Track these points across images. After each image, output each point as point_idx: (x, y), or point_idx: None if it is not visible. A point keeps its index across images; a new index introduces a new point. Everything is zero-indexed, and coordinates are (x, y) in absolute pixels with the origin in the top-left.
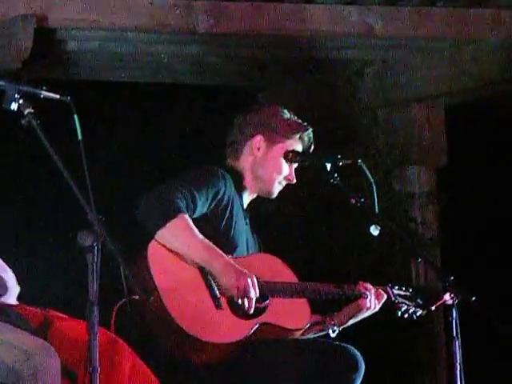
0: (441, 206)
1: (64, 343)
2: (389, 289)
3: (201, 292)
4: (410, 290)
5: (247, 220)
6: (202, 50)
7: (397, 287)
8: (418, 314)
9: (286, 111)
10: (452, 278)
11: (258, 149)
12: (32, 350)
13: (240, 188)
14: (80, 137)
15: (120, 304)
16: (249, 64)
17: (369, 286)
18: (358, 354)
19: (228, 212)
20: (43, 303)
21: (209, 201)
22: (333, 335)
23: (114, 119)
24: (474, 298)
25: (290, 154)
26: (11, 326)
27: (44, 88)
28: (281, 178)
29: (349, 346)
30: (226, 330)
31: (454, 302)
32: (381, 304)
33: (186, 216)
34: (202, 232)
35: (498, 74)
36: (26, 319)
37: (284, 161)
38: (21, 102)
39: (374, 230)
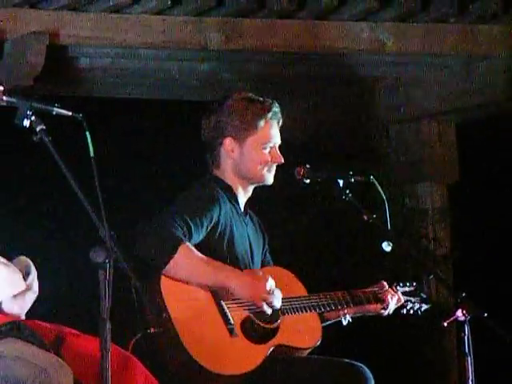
0: (453, 222)
1: (76, 359)
2: (399, 292)
3: (215, 320)
4: (414, 284)
5: (247, 222)
6: (214, 66)
7: (401, 284)
8: (423, 309)
9: (242, 99)
10: (464, 294)
11: (232, 150)
12: (45, 366)
13: (232, 196)
14: (92, 153)
15: (136, 338)
16: (261, 80)
17: (392, 292)
18: (369, 372)
19: (228, 231)
20: (56, 319)
21: (204, 228)
22: (345, 323)
23: (126, 136)
24: (486, 315)
25: (303, 171)
26: (24, 342)
27: (56, 105)
28: (267, 166)
29: (360, 365)
30: (241, 358)
31: (466, 318)
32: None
33: (187, 244)
34: (206, 254)
35: (509, 90)
36: (39, 335)
37: (263, 151)
38: (33, 118)
39: (387, 247)
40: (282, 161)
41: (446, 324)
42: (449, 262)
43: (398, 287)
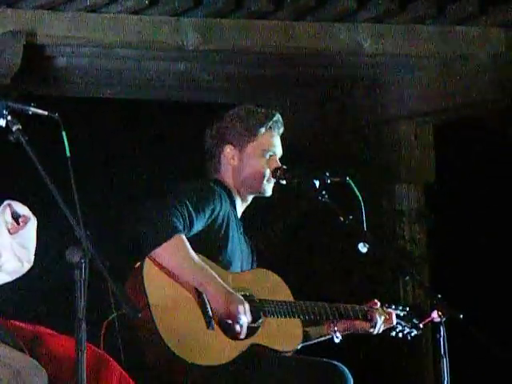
0: (429, 223)
1: (52, 360)
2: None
3: (194, 311)
4: (407, 309)
5: (241, 229)
6: (191, 66)
7: (393, 307)
8: (412, 334)
9: (245, 108)
10: (439, 295)
11: (232, 158)
12: (18, 368)
13: (232, 200)
14: (68, 153)
15: (110, 319)
16: (238, 81)
17: (381, 311)
18: (347, 371)
19: (224, 228)
20: (32, 319)
21: (205, 219)
22: (337, 341)
23: (103, 135)
24: (461, 316)
25: (278, 172)
26: None
27: (32, 104)
28: (266, 175)
29: (338, 364)
30: (216, 351)
31: (441, 319)
32: (386, 328)
33: (183, 237)
34: (198, 248)
35: (486, 91)
36: (14, 335)
37: (262, 158)
38: (9, 118)
39: (363, 248)
40: (282, 166)
41: (421, 325)
42: (425, 263)
43: (389, 309)
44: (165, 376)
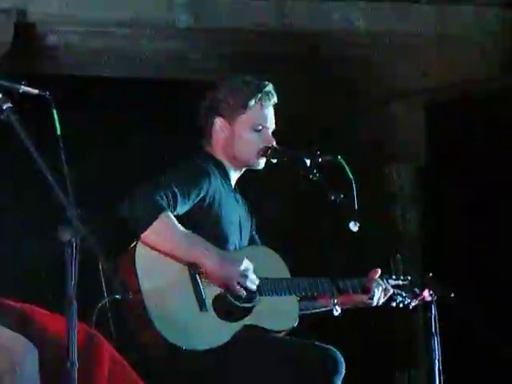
0: (421, 204)
1: (43, 338)
2: (388, 283)
3: (186, 293)
4: (408, 279)
5: (238, 199)
6: (183, 45)
7: (394, 277)
8: (413, 304)
9: (238, 80)
10: (431, 274)
11: (223, 130)
12: (9, 346)
13: (224, 173)
14: (59, 131)
15: (102, 304)
16: (229, 60)
17: (379, 282)
18: (339, 354)
19: (215, 205)
20: (23, 298)
21: (191, 200)
22: (336, 314)
23: (94, 114)
24: (452, 295)
25: (269, 151)
26: None
27: (23, 83)
28: (257, 148)
29: (331, 348)
30: (208, 334)
31: (432, 298)
32: (385, 299)
33: (169, 214)
34: (191, 226)
35: (478, 71)
36: (5, 314)
37: (253, 130)
38: None
39: (354, 227)
40: (273, 142)
41: (413, 304)
42: (417, 243)
43: (390, 280)
44: (158, 361)
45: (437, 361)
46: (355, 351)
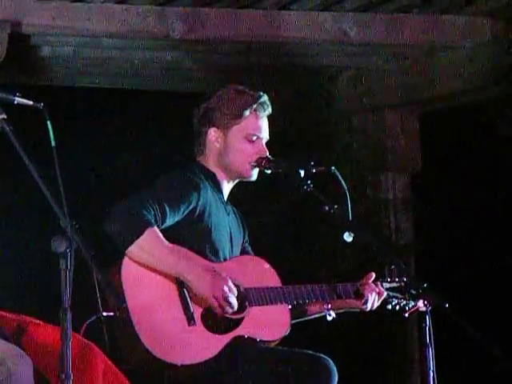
0: (415, 212)
1: (38, 349)
2: (380, 286)
3: (174, 308)
4: (404, 281)
5: (229, 211)
6: (176, 56)
7: (389, 280)
8: (410, 305)
9: (232, 89)
10: (425, 284)
11: (217, 140)
12: (4, 356)
13: (216, 185)
14: (53, 143)
15: (91, 320)
16: (223, 70)
17: (372, 286)
18: (332, 363)
19: (205, 218)
20: (18, 309)
21: (180, 212)
22: (329, 318)
23: (89, 125)
24: (447, 305)
25: (263, 162)
26: None
27: (18, 94)
28: (250, 159)
29: (323, 356)
30: (198, 348)
31: (427, 308)
32: (379, 302)
33: (155, 228)
34: (180, 242)
35: (471, 81)
36: (0, 324)
37: (247, 141)
38: None
39: (348, 237)
40: (266, 153)
41: (407, 314)
42: (411, 252)
43: (384, 283)
44: (147, 377)
45: (431, 372)
46: (349, 362)
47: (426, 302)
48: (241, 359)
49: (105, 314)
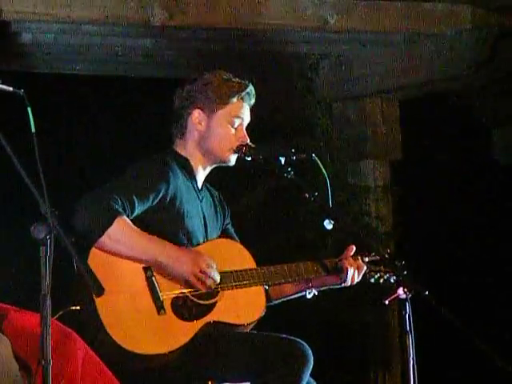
0: (395, 199)
1: (18, 335)
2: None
3: (142, 297)
4: (388, 252)
5: (203, 197)
6: (157, 42)
7: (373, 253)
8: (393, 279)
9: (220, 75)
10: (405, 272)
11: (200, 123)
12: None
13: (188, 171)
14: (33, 129)
15: (58, 315)
16: (203, 57)
17: (351, 261)
18: (308, 347)
19: (176, 205)
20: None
21: (148, 202)
22: (309, 296)
23: (69, 112)
24: (427, 292)
25: (244, 148)
26: None
27: None
28: (231, 145)
29: (298, 340)
30: (169, 336)
31: (407, 296)
32: (360, 277)
33: (124, 217)
34: (150, 226)
35: (452, 68)
36: None
37: (230, 126)
38: None
39: (328, 224)
40: (247, 140)
41: (387, 302)
42: (391, 240)
43: (365, 257)
44: (120, 369)
45: (411, 359)
46: (328, 349)
47: (405, 290)
48: (214, 345)
49: (73, 308)
